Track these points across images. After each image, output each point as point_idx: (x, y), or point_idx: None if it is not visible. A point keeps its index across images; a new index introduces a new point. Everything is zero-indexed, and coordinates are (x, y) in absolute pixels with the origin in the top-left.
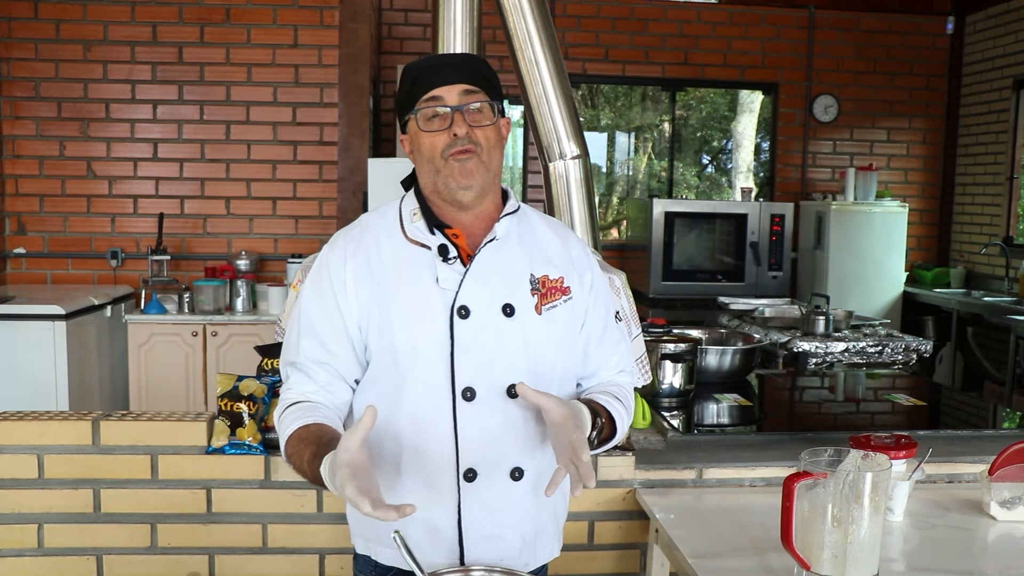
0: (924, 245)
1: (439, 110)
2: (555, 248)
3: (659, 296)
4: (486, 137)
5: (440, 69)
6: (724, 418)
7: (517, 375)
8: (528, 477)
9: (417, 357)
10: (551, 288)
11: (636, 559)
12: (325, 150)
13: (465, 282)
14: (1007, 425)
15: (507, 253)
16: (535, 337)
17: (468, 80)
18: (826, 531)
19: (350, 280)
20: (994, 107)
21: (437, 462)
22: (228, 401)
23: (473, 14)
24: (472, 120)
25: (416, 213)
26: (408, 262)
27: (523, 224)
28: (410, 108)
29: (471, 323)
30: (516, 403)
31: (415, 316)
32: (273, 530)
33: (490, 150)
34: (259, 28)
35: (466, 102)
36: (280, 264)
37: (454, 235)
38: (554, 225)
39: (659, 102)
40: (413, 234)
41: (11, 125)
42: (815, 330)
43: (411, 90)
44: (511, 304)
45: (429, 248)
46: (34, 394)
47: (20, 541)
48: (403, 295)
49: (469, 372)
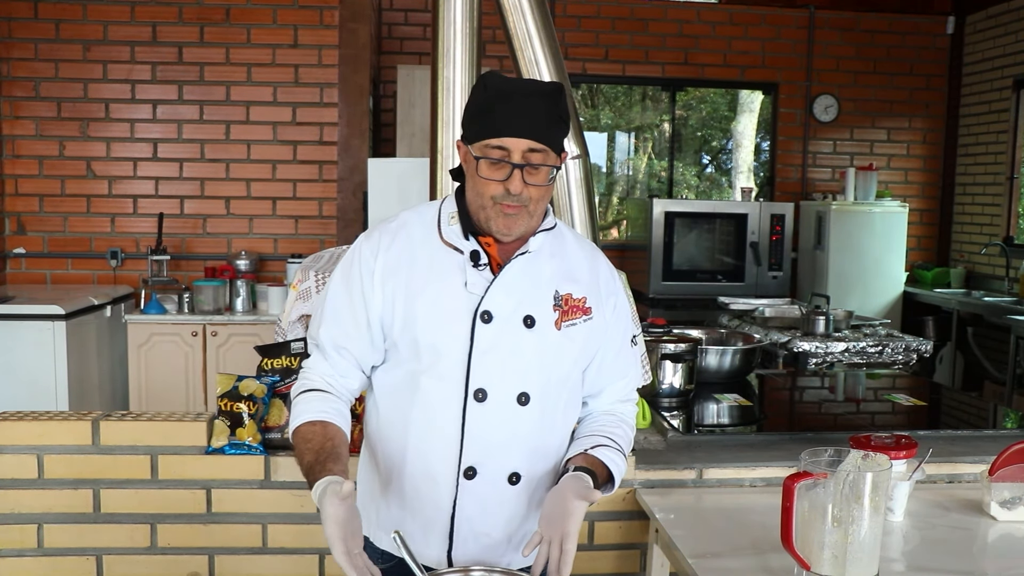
0: (924, 245)
1: (500, 159)
2: (583, 269)
3: (659, 296)
4: (538, 192)
5: (513, 113)
6: (724, 418)
7: (529, 384)
8: (524, 483)
9: (436, 354)
10: (573, 306)
11: (636, 559)
12: (325, 150)
13: (492, 289)
14: (1007, 425)
15: (536, 267)
16: (551, 350)
17: (538, 137)
18: (826, 531)
19: (379, 273)
20: (994, 107)
21: (440, 456)
22: (228, 401)
23: (473, 14)
24: (529, 178)
25: (454, 217)
26: (440, 262)
27: (556, 241)
28: (474, 138)
29: (492, 328)
30: (524, 410)
31: (439, 315)
32: (273, 530)
33: (538, 201)
34: (259, 28)
35: (529, 160)
36: (280, 264)
37: (487, 243)
38: (585, 247)
39: (659, 102)
40: (448, 236)
41: (11, 125)
42: (815, 330)
43: (483, 120)
44: (532, 316)
45: (462, 252)
46: (34, 394)
47: (20, 541)
48: (430, 293)
49: (483, 375)
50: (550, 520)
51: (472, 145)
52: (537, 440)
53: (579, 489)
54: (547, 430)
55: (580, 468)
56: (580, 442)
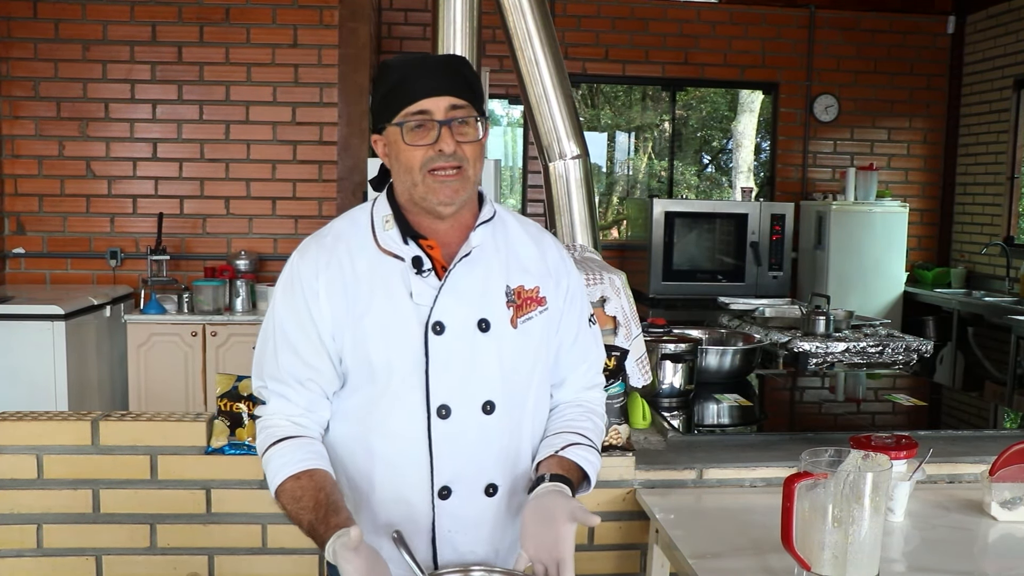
0: (924, 245)
1: (423, 122)
2: (531, 256)
3: (659, 296)
4: (472, 151)
5: (426, 76)
6: (724, 418)
7: (492, 391)
8: (502, 492)
9: (392, 373)
10: (527, 299)
11: (636, 559)
12: (325, 150)
13: (440, 297)
14: (1008, 425)
15: (483, 265)
16: (510, 352)
17: (456, 92)
18: (826, 531)
19: (323, 292)
20: (995, 107)
21: (411, 480)
22: (227, 401)
23: (473, 14)
24: (459, 134)
25: (389, 220)
26: (381, 274)
27: (499, 231)
28: (391, 115)
29: (446, 339)
30: (491, 419)
31: (389, 331)
32: (273, 530)
33: (474, 162)
34: (259, 28)
35: (454, 116)
36: (280, 264)
37: (429, 246)
38: (530, 229)
39: (659, 102)
40: (386, 243)
41: (11, 125)
42: (815, 330)
43: (394, 95)
44: (486, 319)
45: (402, 259)
46: (33, 394)
47: (20, 541)
48: (377, 309)
49: (444, 389)
50: (539, 544)
51: (390, 124)
52: (508, 447)
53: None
54: (517, 435)
55: (556, 476)
56: (549, 441)
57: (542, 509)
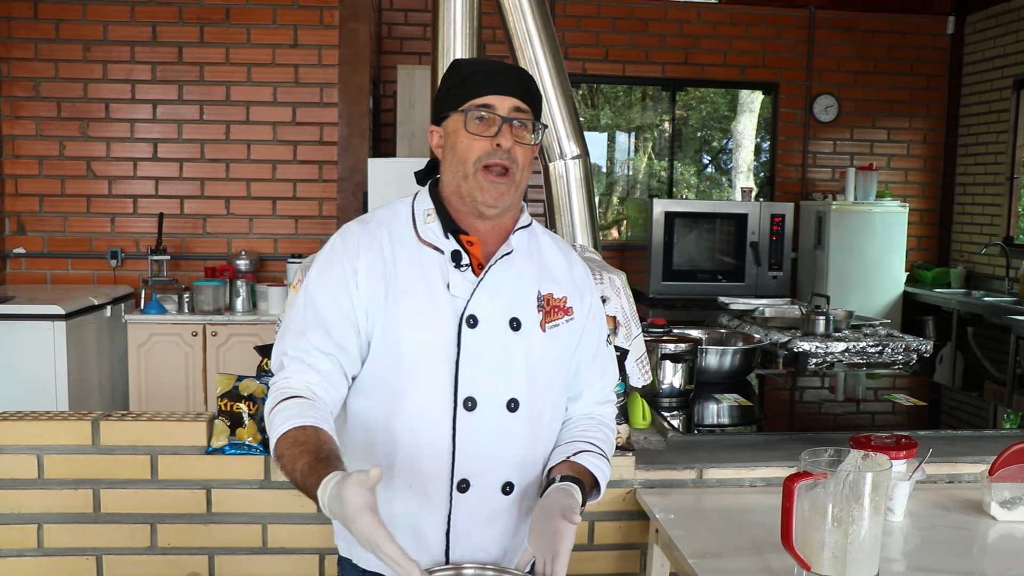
0: (924, 245)
1: (487, 115)
2: (560, 267)
3: (659, 296)
4: (524, 155)
5: (497, 76)
6: (724, 418)
7: (518, 389)
8: (517, 492)
9: (421, 362)
10: (555, 307)
11: (636, 559)
12: (325, 150)
13: (477, 292)
14: (1007, 425)
15: (518, 267)
16: (537, 353)
17: (522, 96)
18: (826, 531)
19: (363, 271)
20: (994, 107)
21: (431, 470)
22: (228, 401)
23: (473, 14)
24: (517, 136)
25: (430, 214)
26: (419, 264)
27: (533, 239)
28: (457, 104)
29: (478, 333)
30: (514, 416)
31: (423, 320)
32: (273, 530)
33: (524, 168)
34: (259, 28)
35: (516, 117)
36: (280, 264)
37: (468, 242)
38: (560, 243)
39: (659, 102)
40: (426, 235)
41: (11, 125)
42: (815, 330)
43: (463, 86)
44: (518, 318)
45: (441, 252)
46: (34, 394)
47: (20, 541)
48: (412, 297)
49: (472, 382)
50: (540, 537)
51: (455, 111)
52: (527, 447)
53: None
54: (535, 437)
55: (567, 477)
56: (562, 448)
57: (548, 506)
